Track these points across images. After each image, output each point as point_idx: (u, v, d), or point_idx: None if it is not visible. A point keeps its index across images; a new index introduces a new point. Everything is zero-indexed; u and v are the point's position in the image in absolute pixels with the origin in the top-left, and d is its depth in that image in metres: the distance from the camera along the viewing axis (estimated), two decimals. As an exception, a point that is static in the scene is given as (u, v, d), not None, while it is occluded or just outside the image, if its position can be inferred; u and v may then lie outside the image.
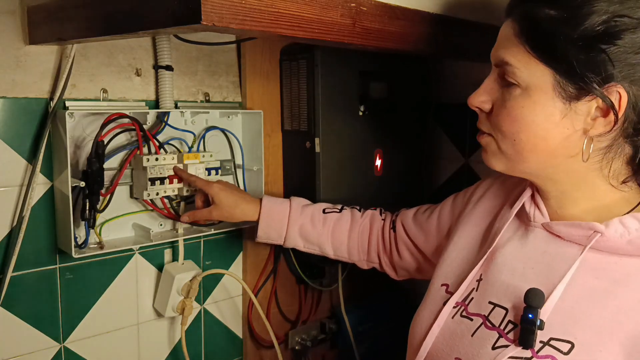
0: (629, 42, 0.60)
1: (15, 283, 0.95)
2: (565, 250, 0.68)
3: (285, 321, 1.33)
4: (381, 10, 0.81)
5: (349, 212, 1.08)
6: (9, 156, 0.93)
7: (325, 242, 1.05)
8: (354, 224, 1.06)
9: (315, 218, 1.05)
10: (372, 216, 1.07)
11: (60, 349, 1.02)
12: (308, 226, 1.04)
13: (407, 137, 1.35)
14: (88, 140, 0.98)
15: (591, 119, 0.64)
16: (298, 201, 1.07)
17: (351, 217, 1.07)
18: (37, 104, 0.94)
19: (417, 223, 1.01)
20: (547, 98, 0.64)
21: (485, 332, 0.69)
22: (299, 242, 1.05)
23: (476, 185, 0.92)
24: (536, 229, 0.72)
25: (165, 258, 1.14)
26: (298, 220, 1.04)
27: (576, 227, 0.67)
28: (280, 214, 1.04)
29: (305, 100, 1.16)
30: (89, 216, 0.96)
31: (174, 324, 1.17)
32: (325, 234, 1.05)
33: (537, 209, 0.73)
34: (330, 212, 1.06)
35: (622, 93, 0.62)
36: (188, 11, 0.60)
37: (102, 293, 1.06)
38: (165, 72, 1.05)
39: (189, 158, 1.06)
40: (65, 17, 0.82)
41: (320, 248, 1.06)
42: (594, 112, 0.63)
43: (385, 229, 1.06)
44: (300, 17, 0.70)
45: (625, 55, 0.61)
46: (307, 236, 1.05)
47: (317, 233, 1.05)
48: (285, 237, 1.05)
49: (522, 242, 0.73)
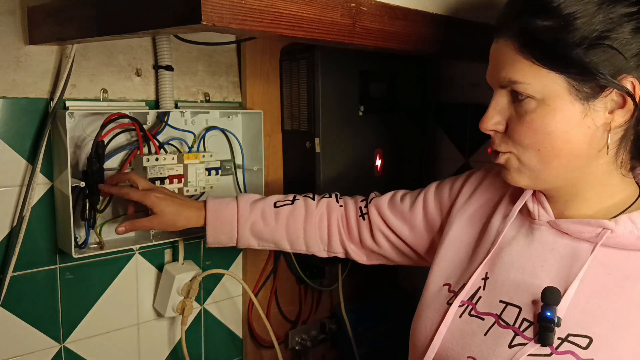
0: (628, 32, 0.63)
1: (16, 283, 0.95)
2: (575, 247, 0.69)
3: (285, 321, 1.33)
4: (381, 10, 0.81)
5: (302, 202, 1.02)
6: (9, 156, 0.92)
7: (280, 238, 1.00)
8: (309, 215, 1.01)
9: (266, 214, 1.00)
10: (328, 204, 1.02)
11: (60, 349, 1.02)
12: (260, 224, 0.99)
13: (407, 137, 1.35)
14: (88, 140, 0.98)
15: (609, 112, 0.65)
16: (246, 198, 1.01)
17: (305, 208, 1.01)
18: (37, 104, 0.94)
19: (397, 212, 0.97)
20: (565, 102, 0.65)
21: (499, 331, 0.70)
22: (252, 242, 1.01)
23: (465, 177, 0.91)
24: (542, 227, 0.73)
25: (165, 258, 1.14)
26: (248, 219, 0.99)
27: (585, 225, 0.68)
28: (228, 216, 0.98)
29: (305, 100, 1.16)
30: (89, 216, 0.96)
31: (174, 324, 1.17)
32: (280, 229, 1.00)
33: (541, 207, 0.74)
34: (282, 206, 1.01)
35: (634, 82, 0.64)
36: (188, 11, 0.60)
37: (102, 293, 1.06)
38: (165, 72, 1.05)
39: (189, 158, 1.06)
40: (65, 17, 0.82)
41: (276, 244, 1.01)
42: (610, 105, 0.65)
43: (350, 218, 1.01)
44: (300, 17, 0.70)
45: (628, 47, 0.63)
46: (261, 234, 1.00)
47: (270, 230, 1.00)
48: (237, 239, 1.00)
49: (528, 240, 0.74)
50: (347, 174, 1.21)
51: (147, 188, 0.97)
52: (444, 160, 1.43)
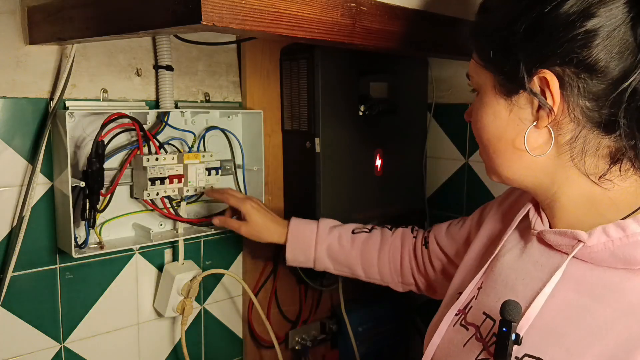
0: (543, 21, 0.57)
1: (16, 283, 0.95)
2: (553, 260, 0.64)
3: (286, 321, 1.33)
4: (381, 10, 0.81)
5: (379, 231, 1.05)
6: (9, 156, 0.93)
7: (355, 263, 1.03)
8: (384, 243, 1.03)
9: (343, 238, 1.03)
10: (402, 234, 1.04)
11: (61, 349, 1.02)
12: (336, 247, 1.03)
13: (407, 137, 1.35)
14: (88, 140, 0.98)
15: (535, 110, 0.60)
16: (326, 222, 1.06)
17: (381, 237, 1.04)
18: (37, 104, 0.94)
19: (449, 234, 0.96)
20: (491, 97, 0.64)
21: (474, 344, 0.67)
22: (328, 265, 1.04)
23: (504, 194, 0.88)
24: (533, 239, 0.69)
25: (165, 258, 1.14)
26: (325, 240, 1.03)
27: (562, 235, 0.63)
28: (307, 236, 1.03)
29: (305, 100, 1.16)
30: (89, 216, 0.96)
31: (174, 324, 1.17)
32: (355, 254, 1.02)
33: (538, 217, 0.69)
34: (359, 232, 1.04)
35: (548, 77, 0.57)
36: (188, 11, 0.60)
37: (102, 293, 1.06)
38: (165, 72, 1.05)
39: (189, 158, 1.06)
40: (65, 17, 0.82)
41: (351, 270, 1.04)
42: (536, 102, 0.60)
43: (417, 247, 1.01)
44: (301, 17, 0.70)
45: (544, 37, 0.56)
46: (336, 257, 1.03)
47: (345, 254, 1.03)
48: (314, 260, 1.04)
49: (520, 252, 0.70)
50: (347, 174, 1.21)
51: (244, 197, 1.07)
52: (444, 160, 1.43)
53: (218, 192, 1.08)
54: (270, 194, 1.23)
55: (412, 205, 1.40)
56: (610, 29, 0.54)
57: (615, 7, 0.54)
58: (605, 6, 0.54)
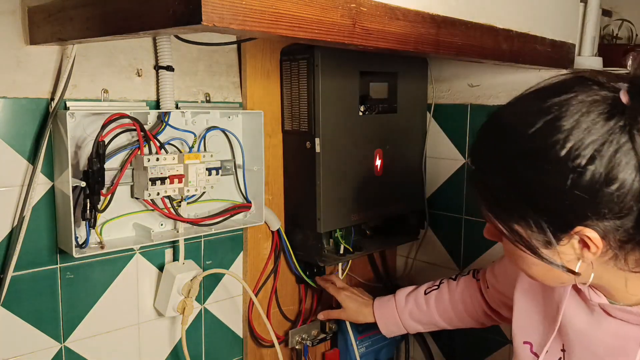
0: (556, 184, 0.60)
1: (16, 283, 0.95)
2: (632, 332, 0.69)
3: (286, 321, 1.33)
4: (381, 10, 0.81)
5: (446, 284, 1.15)
6: (10, 156, 0.93)
7: (437, 320, 1.15)
8: (452, 296, 1.13)
9: (419, 302, 1.15)
10: (465, 282, 1.13)
11: (61, 349, 1.02)
12: (416, 312, 1.16)
13: (407, 137, 1.35)
14: (89, 141, 0.98)
15: (580, 250, 0.64)
16: (402, 293, 1.19)
17: (448, 291, 1.14)
18: (38, 104, 0.94)
19: (493, 274, 1.06)
20: (526, 255, 0.67)
21: None
22: (418, 327, 1.17)
23: None
24: (597, 308, 0.72)
25: (166, 258, 1.14)
26: (405, 309, 1.16)
27: (629, 313, 0.68)
28: (390, 312, 1.18)
29: (305, 100, 1.16)
30: (90, 216, 0.96)
31: (174, 324, 1.17)
32: (433, 313, 1.14)
33: (590, 289, 0.72)
34: (431, 292, 1.15)
35: (591, 235, 0.61)
36: (188, 11, 0.60)
37: (102, 293, 1.06)
38: (165, 72, 1.05)
39: (190, 158, 1.06)
40: (66, 18, 0.82)
41: (437, 325, 1.16)
42: (577, 245, 0.64)
43: (483, 290, 1.10)
44: (301, 18, 0.70)
45: (572, 198, 0.60)
46: (420, 320, 1.15)
47: (425, 315, 1.15)
48: (404, 328, 1.17)
49: (590, 321, 0.73)
50: (347, 174, 1.21)
51: (341, 287, 1.27)
52: (444, 160, 1.43)
53: (323, 281, 1.28)
54: (270, 194, 1.24)
55: (411, 206, 1.40)
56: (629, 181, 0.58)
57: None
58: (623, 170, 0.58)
